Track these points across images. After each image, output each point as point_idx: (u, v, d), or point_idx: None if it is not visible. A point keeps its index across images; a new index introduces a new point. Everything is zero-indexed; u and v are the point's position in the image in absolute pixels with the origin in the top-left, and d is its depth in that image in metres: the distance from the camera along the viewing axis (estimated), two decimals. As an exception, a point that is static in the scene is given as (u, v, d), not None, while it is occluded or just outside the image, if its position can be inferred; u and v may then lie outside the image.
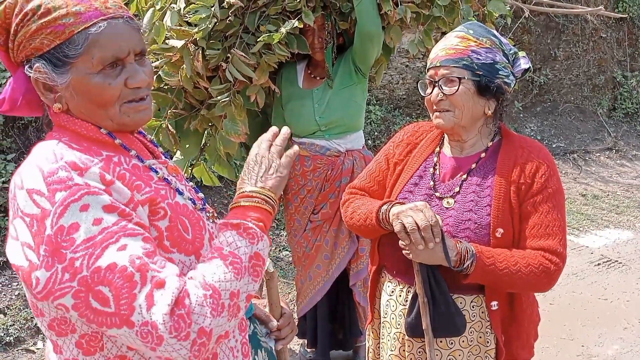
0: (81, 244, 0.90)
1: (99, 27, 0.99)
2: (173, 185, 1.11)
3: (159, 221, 1.02)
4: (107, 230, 0.92)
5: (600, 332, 3.50)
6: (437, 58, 1.62)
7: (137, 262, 0.91)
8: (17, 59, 1.03)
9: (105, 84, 1.01)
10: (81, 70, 1.00)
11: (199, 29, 2.25)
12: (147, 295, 0.91)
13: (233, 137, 2.49)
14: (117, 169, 1.01)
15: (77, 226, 0.91)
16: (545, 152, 1.64)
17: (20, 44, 1.00)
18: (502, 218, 1.56)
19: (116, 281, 0.90)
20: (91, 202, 0.93)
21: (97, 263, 0.90)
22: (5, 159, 4.10)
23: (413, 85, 6.52)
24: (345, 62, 2.71)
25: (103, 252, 0.91)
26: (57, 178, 0.93)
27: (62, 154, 0.97)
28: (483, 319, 1.63)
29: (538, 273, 1.52)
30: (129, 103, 1.05)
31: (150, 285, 0.91)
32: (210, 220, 1.17)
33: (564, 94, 7.83)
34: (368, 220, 1.66)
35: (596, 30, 7.88)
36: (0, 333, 3.32)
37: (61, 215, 0.91)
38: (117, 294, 0.90)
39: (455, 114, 1.61)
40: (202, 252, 1.06)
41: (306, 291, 2.90)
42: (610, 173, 6.86)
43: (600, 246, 4.84)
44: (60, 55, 0.99)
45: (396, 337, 1.71)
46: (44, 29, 0.98)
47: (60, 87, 1.01)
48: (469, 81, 1.58)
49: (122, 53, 1.02)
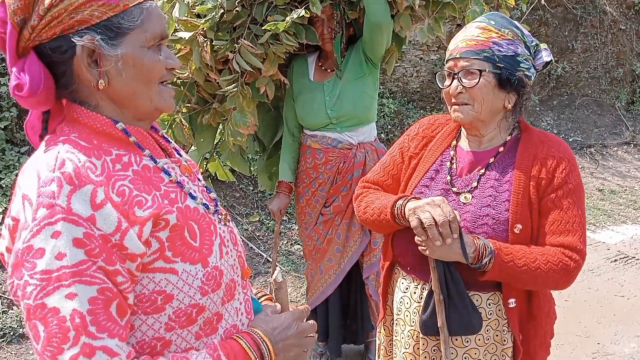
0: (38, 273, 0.89)
1: (150, 3, 1.02)
2: (185, 188, 1.08)
3: (159, 232, 0.99)
4: (65, 270, 0.89)
5: (617, 330, 3.44)
6: (456, 49, 1.58)
7: (76, 321, 0.88)
8: (36, 40, 0.97)
9: (156, 59, 1.02)
10: (135, 42, 1.00)
11: (205, 20, 2.26)
12: (72, 358, 0.87)
13: (242, 128, 2.49)
14: (117, 185, 0.97)
15: (42, 252, 0.89)
16: (565, 147, 1.60)
17: (57, 18, 0.95)
18: (521, 213, 1.52)
19: (52, 327, 0.88)
20: (63, 230, 0.89)
21: (44, 299, 0.88)
22: (19, 152, 4.13)
23: (427, 78, 6.45)
24: (356, 53, 2.68)
25: (53, 292, 0.88)
26: (47, 191, 0.91)
27: (63, 162, 0.94)
28: (500, 317, 1.59)
29: (557, 270, 1.48)
30: (164, 86, 1.06)
31: (79, 350, 0.88)
32: (222, 224, 1.14)
33: (582, 87, 7.71)
34: (382, 215, 1.62)
35: (615, 22, 7.74)
36: (13, 325, 3.35)
37: (34, 235, 0.90)
38: (48, 337, 0.88)
39: (474, 108, 1.57)
40: (209, 259, 1.03)
41: (317, 285, 2.88)
42: (628, 168, 6.74)
43: (617, 242, 4.76)
44: (114, 26, 0.97)
45: (410, 335, 1.68)
46: (95, 1, 0.95)
47: (111, 60, 0.98)
48: (490, 74, 1.54)
49: (164, 33, 1.04)
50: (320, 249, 2.84)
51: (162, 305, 0.98)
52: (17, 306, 3.47)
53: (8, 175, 3.94)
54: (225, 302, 1.08)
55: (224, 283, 1.06)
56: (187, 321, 1.01)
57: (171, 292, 0.98)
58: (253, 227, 4.76)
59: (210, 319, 1.05)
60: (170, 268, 0.98)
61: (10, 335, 3.31)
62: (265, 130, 2.99)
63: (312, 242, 2.87)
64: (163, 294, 0.98)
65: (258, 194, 5.04)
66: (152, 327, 0.99)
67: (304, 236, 2.92)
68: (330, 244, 2.80)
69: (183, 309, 1.00)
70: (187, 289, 1.00)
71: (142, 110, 1.05)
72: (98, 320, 0.90)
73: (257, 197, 5.04)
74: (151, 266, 0.97)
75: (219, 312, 1.07)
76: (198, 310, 1.01)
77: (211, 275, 1.03)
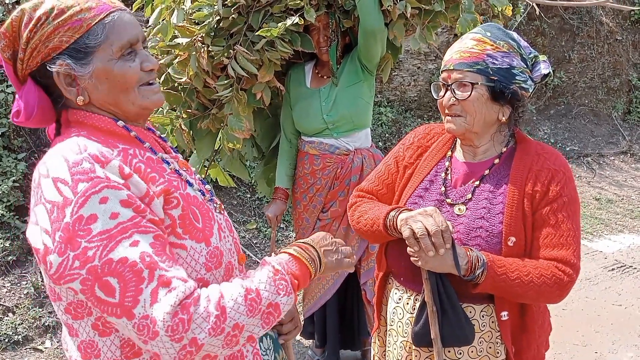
0: (97, 235, 0.96)
1: (113, 16, 1.08)
2: (184, 177, 1.17)
3: (172, 210, 1.07)
4: (122, 224, 0.97)
5: (614, 339, 3.44)
6: (450, 61, 1.57)
7: (146, 260, 0.96)
8: (28, 68, 1.08)
9: (126, 67, 1.09)
10: (103, 58, 1.07)
11: (202, 26, 2.30)
12: (152, 292, 0.96)
13: (237, 132, 2.52)
14: (133, 162, 1.07)
15: (95, 217, 0.96)
16: (561, 160, 1.58)
17: (35, 49, 1.05)
18: (514, 226, 1.52)
19: (126, 274, 0.95)
20: (110, 195, 0.98)
21: (109, 255, 0.95)
22: (16, 158, 4.12)
23: (425, 87, 6.47)
24: (352, 61, 2.71)
25: (116, 246, 0.96)
26: (81, 169, 0.99)
27: (85, 146, 1.03)
28: (493, 329, 1.59)
29: (550, 284, 1.47)
30: (145, 86, 1.13)
31: (157, 283, 0.96)
32: (217, 212, 1.21)
33: (578, 97, 7.74)
34: (375, 226, 1.62)
35: (611, 33, 7.78)
36: (8, 332, 3.34)
37: (82, 206, 0.96)
38: (124, 286, 0.95)
39: (467, 120, 1.56)
40: (211, 240, 1.12)
41: (314, 290, 2.88)
42: (624, 177, 6.76)
43: (615, 251, 4.76)
44: (81, 47, 1.06)
45: (403, 346, 1.67)
46: (61, 28, 1.05)
47: (84, 77, 1.07)
48: (483, 86, 1.53)
49: (134, 39, 1.11)
50: (317, 256, 2.83)
51: None
52: (12, 313, 3.46)
53: (5, 182, 3.93)
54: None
55: (224, 263, 1.14)
56: None
57: (181, 265, 1.06)
58: (250, 234, 4.75)
59: None
60: (180, 244, 1.07)
61: (5, 343, 3.29)
62: (263, 137, 3.02)
63: (309, 248, 2.86)
64: None
65: (255, 201, 5.04)
66: None
67: (301, 243, 2.91)
68: (328, 250, 2.80)
69: None
70: (194, 264, 1.09)
71: (129, 113, 1.13)
72: (164, 258, 0.99)
73: (254, 204, 5.03)
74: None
75: None
76: (203, 285, 1.08)
77: (214, 254, 1.12)
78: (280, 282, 1.08)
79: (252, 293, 1.04)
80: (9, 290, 3.62)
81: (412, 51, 6.26)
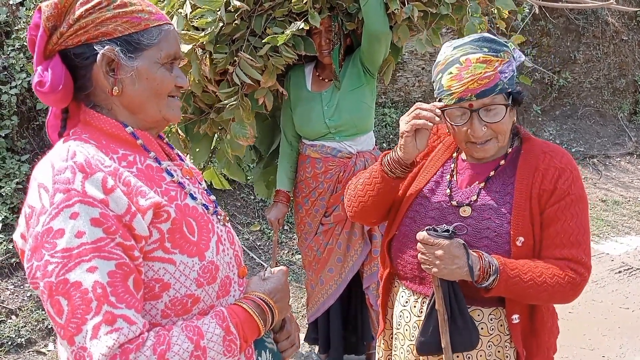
0: (59, 252, 0.95)
1: (168, 27, 1.15)
2: (187, 189, 1.16)
3: (162, 224, 1.06)
4: (85, 246, 0.95)
5: (622, 343, 3.40)
6: (468, 91, 1.47)
7: (98, 291, 0.95)
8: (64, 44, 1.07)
9: (166, 75, 1.13)
10: (150, 59, 1.11)
11: (205, 33, 2.26)
12: (95, 326, 0.93)
13: (241, 140, 2.50)
14: (124, 175, 1.04)
15: (62, 232, 0.95)
16: (568, 157, 1.56)
17: (84, 28, 1.06)
18: (522, 226, 1.49)
19: (76, 300, 0.94)
20: (81, 211, 0.96)
21: (66, 275, 0.95)
22: (19, 160, 4.12)
23: (429, 88, 6.44)
24: (354, 63, 2.68)
25: (75, 267, 0.95)
26: (63, 177, 0.99)
27: (74, 153, 1.02)
28: (502, 333, 1.56)
29: (564, 284, 1.45)
30: (173, 98, 1.17)
31: (101, 318, 0.94)
32: (220, 223, 1.20)
33: (584, 98, 7.70)
34: (372, 176, 1.61)
35: (617, 33, 7.74)
36: (11, 334, 3.33)
37: (54, 218, 0.96)
38: (72, 310, 0.94)
39: (499, 139, 1.54)
40: (206, 254, 1.10)
41: (317, 296, 2.86)
42: (631, 178, 6.71)
43: (622, 253, 4.72)
44: (133, 41, 1.09)
45: (410, 350, 1.64)
46: (119, 18, 1.08)
47: (127, 69, 1.09)
48: (508, 102, 1.51)
49: (177, 55, 1.17)
50: (321, 260, 2.81)
51: (159, 293, 1.05)
52: (15, 315, 3.45)
53: (8, 184, 3.92)
54: (220, 297, 1.14)
55: (219, 278, 1.12)
56: (183, 310, 1.07)
57: (168, 281, 1.05)
58: (254, 236, 4.73)
59: (205, 311, 1.10)
60: (168, 258, 1.05)
61: (8, 345, 3.28)
62: (262, 139, 2.99)
63: (312, 252, 2.85)
64: (160, 282, 1.04)
65: (259, 203, 5.02)
66: (149, 312, 1.05)
67: (304, 247, 2.90)
68: (331, 253, 2.78)
69: (179, 298, 1.06)
70: (184, 280, 1.06)
71: (151, 119, 1.15)
72: (117, 292, 0.96)
73: (258, 206, 5.02)
74: (151, 255, 1.04)
75: (214, 306, 1.12)
76: (193, 301, 1.08)
77: (207, 269, 1.09)
78: (230, 345, 1.06)
79: (199, 351, 1.01)
80: (12, 292, 3.61)
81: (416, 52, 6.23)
